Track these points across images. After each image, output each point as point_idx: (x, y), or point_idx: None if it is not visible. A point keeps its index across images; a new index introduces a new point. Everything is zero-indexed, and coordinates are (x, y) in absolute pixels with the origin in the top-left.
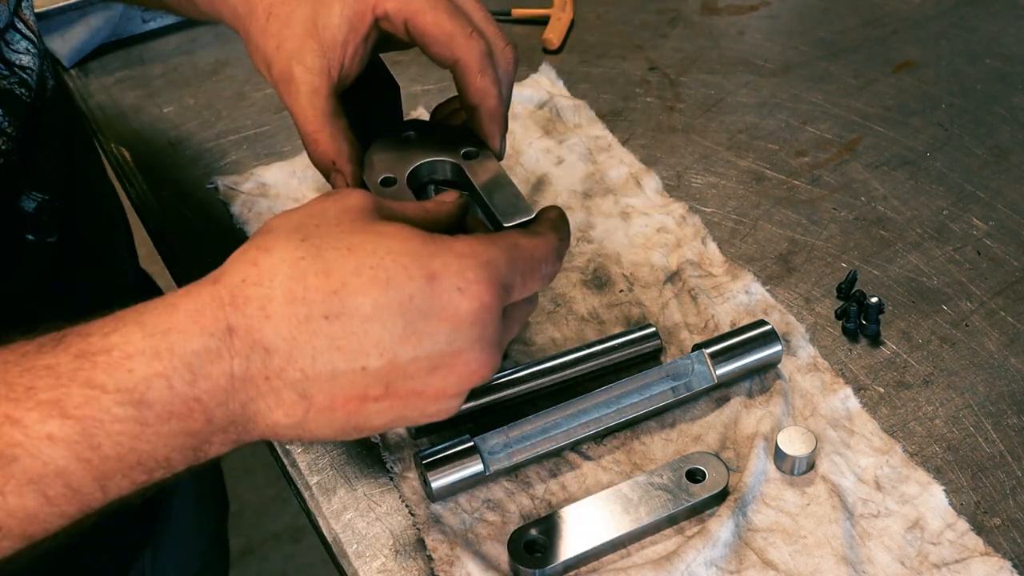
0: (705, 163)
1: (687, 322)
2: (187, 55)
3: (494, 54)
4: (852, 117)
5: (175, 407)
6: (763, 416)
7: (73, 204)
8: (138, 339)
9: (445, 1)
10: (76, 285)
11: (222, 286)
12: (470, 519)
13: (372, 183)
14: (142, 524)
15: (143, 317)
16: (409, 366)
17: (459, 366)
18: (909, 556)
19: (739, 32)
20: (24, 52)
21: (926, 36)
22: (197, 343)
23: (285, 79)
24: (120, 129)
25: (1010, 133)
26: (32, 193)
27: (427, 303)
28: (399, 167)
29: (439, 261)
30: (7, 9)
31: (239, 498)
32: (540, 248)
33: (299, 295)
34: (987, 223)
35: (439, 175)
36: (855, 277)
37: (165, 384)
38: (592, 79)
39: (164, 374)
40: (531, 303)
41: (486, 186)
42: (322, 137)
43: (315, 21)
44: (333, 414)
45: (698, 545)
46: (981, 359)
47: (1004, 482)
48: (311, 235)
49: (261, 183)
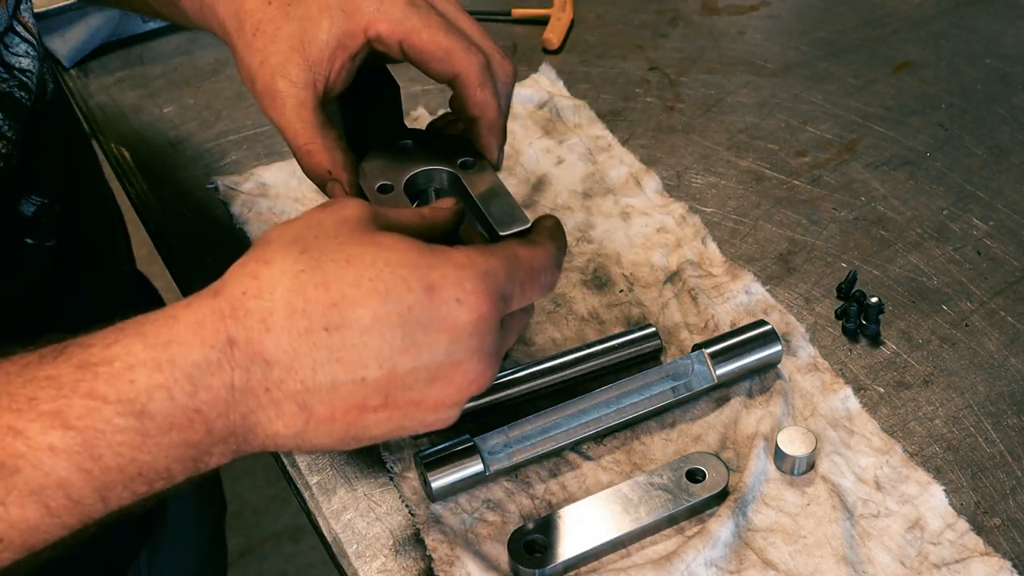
0: (705, 163)
1: (687, 322)
2: (187, 55)
3: (492, 67)
4: (852, 117)
5: (176, 418)
6: (763, 416)
7: (73, 206)
8: (139, 350)
9: (438, 18)
10: (76, 285)
11: (222, 298)
12: (470, 519)
13: (369, 190)
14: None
15: (144, 328)
16: (408, 376)
17: (457, 376)
18: (909, 556)
19: (739, 32)
20: (23, 55)
21: (926, 36)
22: (198, 355)
23: (269, 93)
24: (120, 129)
25: (1010, 133)
26: (31, 197)
27: (426, 314)
28: (396, 175)
29: (438, 272)
30: (6, 12)
31: (239, 498)
32: (539, 258)
33: (299, 307)
34: (987, 223)
35: (436, 184)
36: (855, 277)
37: (166, 395)
38: (592, 79)
39: (165, 385)
40: (528, 312)
41: (483, 195)
42: (315, 148)
43: (301, 37)
44: (333, 424)
45: (698, 545)
46: (981, 359)
47: (1004, 482)
48: (310, 247)
49: (261, 183)
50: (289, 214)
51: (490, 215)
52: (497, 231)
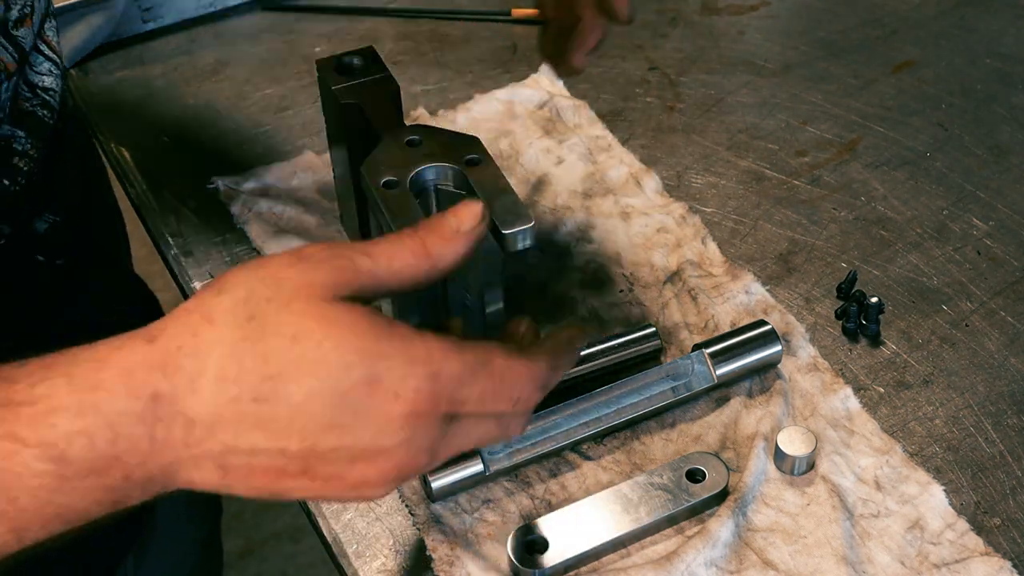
0: (705, 163)
1: (687, 322)
2: (187, 55)
3: None
4: (852, 117)
5: (95, 464)
6: (763, 416)
7: (88, 216)
8: (64, 393)
9: None
10: (88, 286)
11: (156, 348)
12: (470, 519)
13: (375, 186)
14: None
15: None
16: (329, 454)
17: (380, 461)
18: (909, 556)
19: (739, 32)
20: (47, 74)
21: (926, 36)
22: (122, 404)
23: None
24: (120, 129)
25: (1010, 133)
26: (46, 215)
27: (360, 402)
28: (402, 171)
29: (385, 364)
30: (31, 32)
31: (239, 499)
32: (517, 371)
33: (231, 375)
34: (987, 223)
35: (441, 180)
36: (855, 277)
37: (87, 442)
38: (592, 79)
39: (87, 432)
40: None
41: (488, 193)
42: None
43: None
44: (251, 481)
45: (698, 545)
46: (981, 359)
47: (1004, 482)
48: (259, 313)
49: (261, 183)
50: (290, 214)
51: (494, 213)
52: (500, 229)
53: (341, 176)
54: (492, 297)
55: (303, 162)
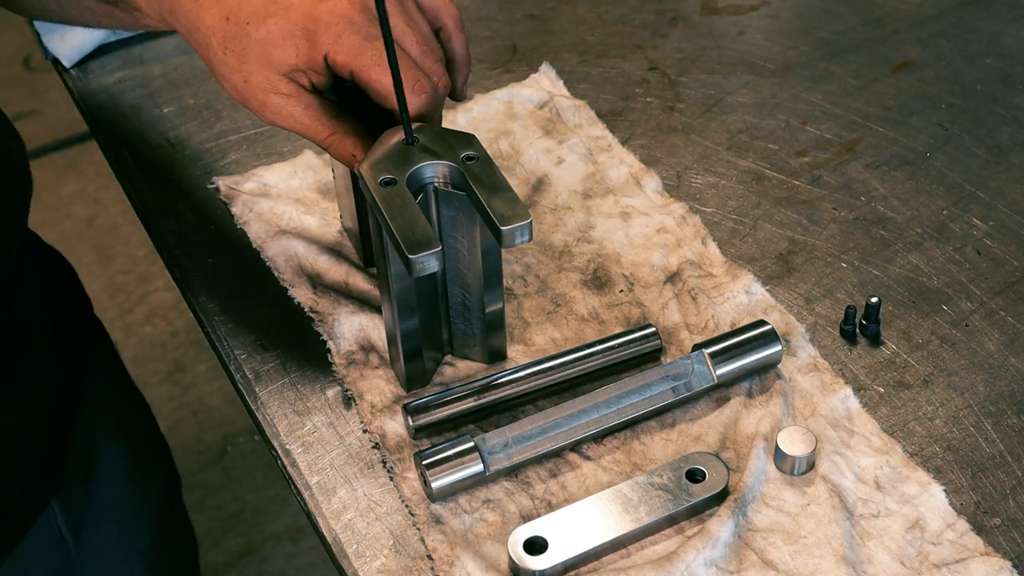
0: (705, 163)
1: (687, 322)
2: (187, 55)
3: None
4: (852, 117)
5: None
6: (763, 416)
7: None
8: None
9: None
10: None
11: None
12: (470, 519)
13: (372, 183)
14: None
15: None
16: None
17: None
18: (909, 556)
19: (739, 32)
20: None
21: (926, 36)
22: None
23: (273, 109)
24: (120, 129)
25: (1010, 133)
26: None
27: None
28: (400, 169)
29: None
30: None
31: (239, 499)
32: None
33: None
34: (987, 223)
35: (439, 178)
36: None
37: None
38: (592, 79)
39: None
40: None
41: (486, 191)
42: (336, 139)
43: (268, 59)
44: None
45: (698, 545)
46: (981, 359)
47: (1004, 482)
48: None
49: (262, 183)
50: (290, 214)
51: (492, 210)
52: (499, 226)
53: (341, 176)
54: (492, 297)
55: (303, 162)
